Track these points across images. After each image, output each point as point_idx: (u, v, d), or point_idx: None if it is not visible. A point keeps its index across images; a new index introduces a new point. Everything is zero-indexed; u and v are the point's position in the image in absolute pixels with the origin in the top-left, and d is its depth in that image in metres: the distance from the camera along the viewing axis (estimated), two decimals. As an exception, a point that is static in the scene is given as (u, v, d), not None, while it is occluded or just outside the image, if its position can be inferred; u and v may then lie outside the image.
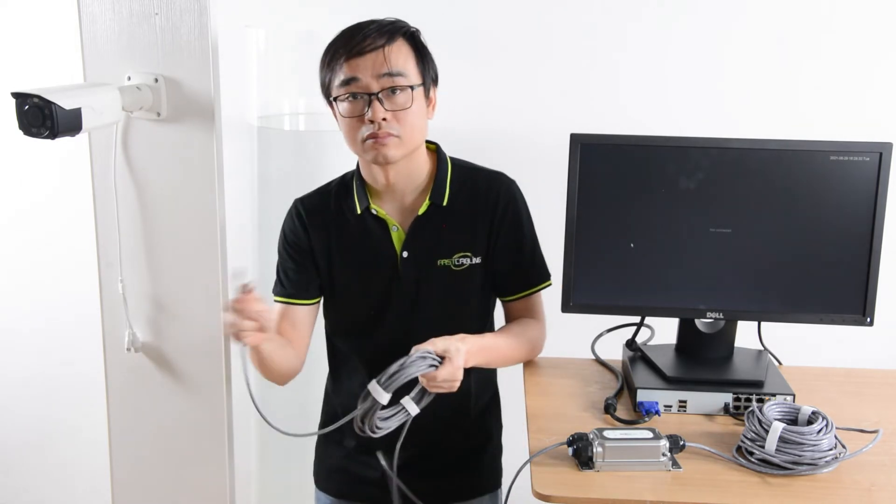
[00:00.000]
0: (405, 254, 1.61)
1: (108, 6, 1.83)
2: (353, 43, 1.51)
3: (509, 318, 1.73)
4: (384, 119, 1.50)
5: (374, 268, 1.63)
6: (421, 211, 1.60)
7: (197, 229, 1.90)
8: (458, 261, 1.60)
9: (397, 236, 1.62)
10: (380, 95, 1.50)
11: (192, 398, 2.01)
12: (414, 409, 1.45)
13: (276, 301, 1.70)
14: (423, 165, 1.62)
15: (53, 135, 1.64)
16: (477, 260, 1.62)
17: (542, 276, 1.70)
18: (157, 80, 1.83)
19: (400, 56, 1.52)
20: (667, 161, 1.60)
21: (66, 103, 1.65)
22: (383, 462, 1.56)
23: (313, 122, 2.30)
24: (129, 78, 1.85)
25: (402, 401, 1.44)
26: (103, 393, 2.08)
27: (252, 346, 1.48)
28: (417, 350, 1.42)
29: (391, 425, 1.44)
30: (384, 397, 1.39)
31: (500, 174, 1.67)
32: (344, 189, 1.67)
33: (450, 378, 1.42)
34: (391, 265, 1.62)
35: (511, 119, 2.42)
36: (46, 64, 2.54)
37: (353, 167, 1.70)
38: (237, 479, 2.11)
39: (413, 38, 1.56)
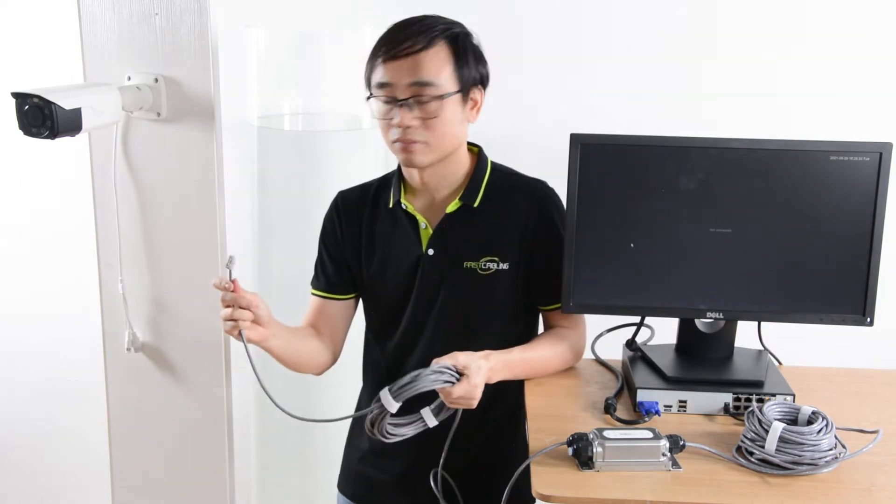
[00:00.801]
0: (430, 251, 1.60)
1: (108, 6, 1.84)
2: (391, 44, 1.49)
3: (547, 327, 1.71)
4: (410, 126, 1.50)
5: (399, 262, 1.63)
6: (449, 209, 1.59)
7: (197, 229, 1.90)
8: (484, 265, 1.58)
9: (425, 233, 1.61)
10: (409, 101, 1.49)
11: (192, 398, 2.02)
12: (432, 421, 1.44)
13: (311, 294, 1.71)
14: (460, 167, 1.61)
15: (53, 135, 1.64)
16: (504, 266, 1.59)
17: None
18: (157, 80, 1.84)
19: (434, 63, 1.49)
20: (667, 161, 1.60)
21: (66, 103, 1.65)
22: (433, 486, 1.54)
23: (313, 122, 2.30)
24: (129, 78, 1.86)
25: (421, 411, 1.44)
26: (103, 393, 2.08)
27: (257, 343, 1.47)
28: (437, 363, 1.41)
29: (406, 433, 1.43)
30: (393, 406, 1.38)
31: (539, 182, 1.64)
32: (384, 183, 1.68)
33: (466, 395, 1.40)
34: (415, 261, 1.61)
35: (511, 119, 2.42)
36: (46, 64, 2.54)
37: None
38: (237, 479, 2.11)
39: (456, 42, 1.52)
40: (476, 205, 1.59)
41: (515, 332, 1.67)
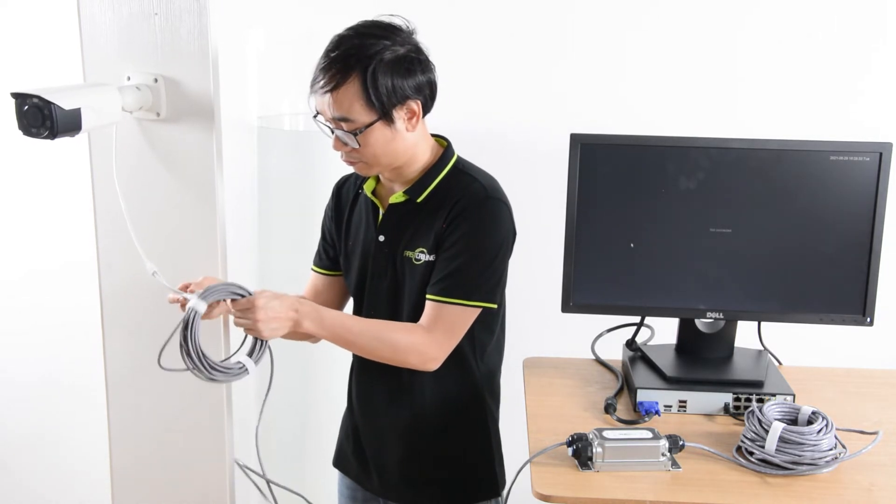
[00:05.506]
0: (381, 237, 1.65)
1: (107, 6, 1.83)
2: (315, 79, 1.55)
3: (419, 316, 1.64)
4: (343, 150, 1.58)
5: (361, 245, 1.70)
6: (393, 200, 1.64)
7: (197, 229, 1.90)
8: (417, 255, 1.62)
9: (381, 220, 1.67)
10: (336, 131, 1.55)
11: (193, 398, 2.01)
12: (251, 366, 1.55)
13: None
14: (419, 163, 1.63)
15: (53, 135, 1.63)
16: (431, 258, 1.61)
17: (458, 292, 1.56)
18: (156, 81, 1.83)
19: (345, 99, 1.51)
20: (667, 161, 1.60)
21: (66, 103, 1.64)
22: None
23: (313, 122, 2.30)
24: (129, 78, 1.85)
25: (241, 358, 1.55)
26: (103, 393, 2.08)
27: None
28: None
29: (228, 376, 1.56)
30: (202, 306, 1.51)
31: (483, 189, 1.58)
32: None
33: (259, 318, 1.49)
34: (370, 246, 1.67)
35: (511, 119, 2.42)
36: (46, 64, 2.54)
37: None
38: (237, 479, 2.11)
39: (366, 73, 1.49)
40: (420, 200, 1.62)
41: (479, 326, 1.64)
